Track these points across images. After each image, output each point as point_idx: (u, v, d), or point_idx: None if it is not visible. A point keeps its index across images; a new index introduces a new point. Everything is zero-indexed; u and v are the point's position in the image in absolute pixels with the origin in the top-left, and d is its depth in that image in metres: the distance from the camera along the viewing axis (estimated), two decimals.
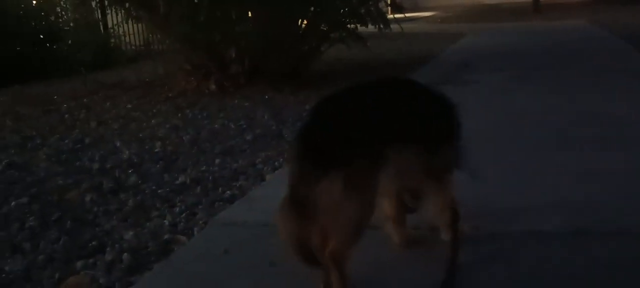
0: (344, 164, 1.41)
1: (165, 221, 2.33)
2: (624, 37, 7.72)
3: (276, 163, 3.05)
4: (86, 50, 7.98)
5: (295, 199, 1.44)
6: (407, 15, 17.46)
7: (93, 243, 2.17)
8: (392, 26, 6.31)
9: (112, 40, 9.09)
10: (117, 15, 8.30)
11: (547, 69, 5.68)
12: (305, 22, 5.84)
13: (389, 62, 6.97)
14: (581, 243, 1.79)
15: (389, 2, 7.68)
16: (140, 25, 8.12)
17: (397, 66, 6.56)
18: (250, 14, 5.68)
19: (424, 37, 10.19)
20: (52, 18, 8.58)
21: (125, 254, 2.04)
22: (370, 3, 6.00)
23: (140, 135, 3.85)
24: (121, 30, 8.97)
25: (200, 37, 5.30)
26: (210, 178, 2.87)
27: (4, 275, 1.96)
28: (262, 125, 3.97)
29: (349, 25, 5.92)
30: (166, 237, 2.17)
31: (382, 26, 6.11)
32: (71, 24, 8.99)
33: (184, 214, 2.40)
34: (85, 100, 5.45)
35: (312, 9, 5.69)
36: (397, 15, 6.51)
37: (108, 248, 2.11)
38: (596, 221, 1.93)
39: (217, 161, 3.16)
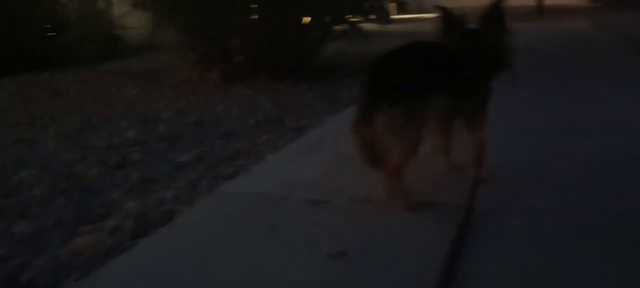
0: (404, 103, 1.88)
1: (168, 193, 2.42)
2: (623, 40, 7.76)
3: (277, 145, 3.14)
4: (91, 41, 8.10)
5: (365, 120, 1.92)
6: (412, 16, 17.50)
7: (99, 211, 2.26)
8: (395, 25, 6.44)
9: (117, 32, 9.20)
10: (122, 6, 8.43)
11: (549, 68, 5.72)
12: (309, 15, 5.93)
13: None
14: (577, 221, 1.88)
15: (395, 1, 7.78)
16: (144, 16, 8.23)
17: None
18: (254, 6, 5.77)
19: (428, 36, 10.26)
20: (59, 8, 8.69)
21: (129, 220, 2.13)
22: None
23: (145, 117, 3.94)
24: (126, 21, 9.09)
25: (205, 28, 5.39)
26: (213, 157, 2.96)
27: (6, 238, 2.04)
28: (264, 111, 4.06)
29: (351, 20, 6.01)
30: (169, 206, 2.26)
31: (384, 21, 6.21)
32: (77, 15, 9.08)
33: (186, 188, 2.49)
34: (91, 85, 5.55)
35: (315, 2, 5.78)
36: (402, 16, 6.62)
37: (113, 215, 2.20)
38: (596, 203, 2.01)
39: (219, 142, 3.25)
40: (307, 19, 5.90)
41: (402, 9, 19.06)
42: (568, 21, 11.83)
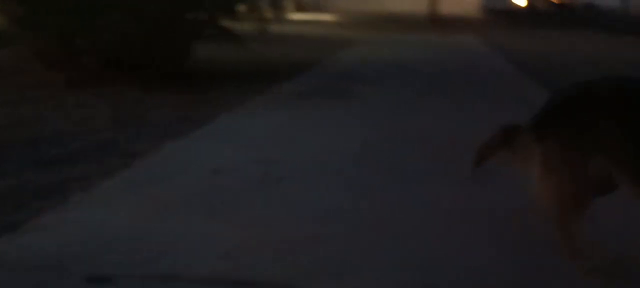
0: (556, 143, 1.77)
1: None
2: (508, 59, 7.83)
3: (93, 180, 2.61)
4: None
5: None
6: (307, 17, 17.27)
7: None
8: (292, 27, 6.07)
9: None
10: None
11: (416, 87, 5.49)
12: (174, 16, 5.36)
13: (269, 66, 6.62)
14: None
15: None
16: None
17: (276, 71, 6.21)
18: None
19: (317, 41, 9.99)
20: None
21: None
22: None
23: None
24: None
25: (46, 21, 4.66)
26: (6, 197, 2.39)
27: None
28: (98, 130, 3.50)
29: (221, 23, 5.54)
30: None
31: (260, 27, 5.82)
32: None
33: None
34: None
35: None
36: (299, 16, 6.27)
37: None
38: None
39: (25, 175, 2.67)
40: None
41: (300, 9, 18.76)
42: (460, 34, 12.03)
